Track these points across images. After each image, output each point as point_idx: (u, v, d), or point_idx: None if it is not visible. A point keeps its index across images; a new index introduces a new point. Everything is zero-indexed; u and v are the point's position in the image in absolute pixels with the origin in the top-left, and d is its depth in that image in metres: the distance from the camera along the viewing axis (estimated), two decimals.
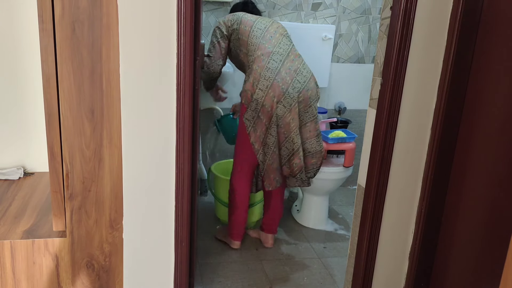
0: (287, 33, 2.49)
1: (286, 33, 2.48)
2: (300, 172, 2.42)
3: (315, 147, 2.44)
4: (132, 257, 1.59)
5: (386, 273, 1.93)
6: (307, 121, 2.40)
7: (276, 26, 2.47)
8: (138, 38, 1.40)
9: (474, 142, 1.66)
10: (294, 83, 2.32)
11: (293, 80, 2.32)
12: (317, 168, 2.50)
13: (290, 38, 2.48)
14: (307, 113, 2.38)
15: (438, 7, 1.63)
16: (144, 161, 1.52)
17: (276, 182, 2.43)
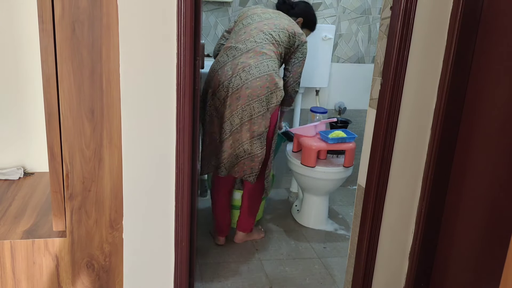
0: (274, 30, 2.41)
1: (271, 30, 2.40)
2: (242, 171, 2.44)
3: (250, 149, 2.39)
4: (132, 257, 1.59)
5: (386, 273, 1.93)
6: (244, 120, 2.34)
7: (265, 23, 2.43)
8: (138, 38, 1.40)
9: (474, 142, 1.66)
10: (233, 78, 2.30)
11: (235, 75, 2.31)
12: (255, 173, 2.44)
13: (274, 35, 2.40)
14: (245, 111, 2.33)
15: (438, 7, 1.63)
16: (144, 161, 1.52)
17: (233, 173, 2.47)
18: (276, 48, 2.42)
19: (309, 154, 2.72)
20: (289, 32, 2.45)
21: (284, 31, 2.44)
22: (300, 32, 2.50)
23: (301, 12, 2.67)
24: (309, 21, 2.70)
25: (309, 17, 2.69)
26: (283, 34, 2.44)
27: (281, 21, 2.47)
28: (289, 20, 2.53)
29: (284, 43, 2.44)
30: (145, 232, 1.59)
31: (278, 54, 2.43)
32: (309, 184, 2.83)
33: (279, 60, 2.44)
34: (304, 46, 2.53)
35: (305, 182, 2.84)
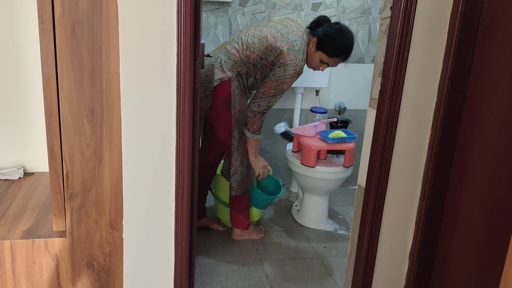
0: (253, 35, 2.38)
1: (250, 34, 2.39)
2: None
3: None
4: (132, 257, 1.59)
5: (386, 273, 1.93)
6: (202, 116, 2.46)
7: (256, 28, 2.44)
8: (138, 38, 1.40)
9: (474, 142, 1.66)
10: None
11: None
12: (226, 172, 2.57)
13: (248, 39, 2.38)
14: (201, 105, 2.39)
15: (438, 7, 1.63)
16: (144, 161, 1.52)
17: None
18: (242, 48, 2.37)
19: (309, 154, 2.72)
20: (269, 43, 2.33)
21: (263, 39, 2.35)
22: (281, 50, 2.31)
23: (319, 32, 2.40)
24: (323, 42, 2.38)
25: (324, 37, 2.38)
26: (258, 41, 2.35)
27: (270, 31, 2.37)
28: (290, 35, 2.35)
29: (255, 49, 2.35)
30: (145, 232, 1.59)
31: (243, 54, 2.37)
32: (309, 184, 2.83)
33: (240, 60, 2.37)
34: (280, 68, 2.31)
35: (305, 182, 2.84)
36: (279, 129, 3.01)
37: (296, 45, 2.35)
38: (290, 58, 2.32)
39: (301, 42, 2.37)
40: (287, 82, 2.35)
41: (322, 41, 2.38)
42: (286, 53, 2.31)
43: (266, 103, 2.38)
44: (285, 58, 2.31)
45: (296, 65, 2.34)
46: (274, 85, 2.34)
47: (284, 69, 2.32)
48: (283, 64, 2.31)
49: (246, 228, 2.68)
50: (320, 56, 2.42)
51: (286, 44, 2.33)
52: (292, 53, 2.32)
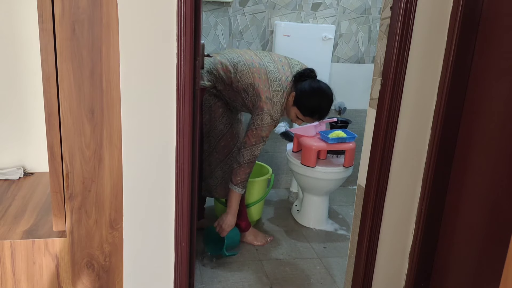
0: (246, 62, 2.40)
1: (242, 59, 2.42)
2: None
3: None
4: (132, 257, 1.59)
5: (386, 273, 1.93)
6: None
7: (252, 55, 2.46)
8: (138, 38, 1.40)
9: (474, 142, 1.66)
10: None
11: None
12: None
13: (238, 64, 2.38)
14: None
15: (438, 7, 1.63)
16: (144, 161, 1.52)
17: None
18: (227, 68, 2.37)
19: (309, 154, 2.72)
20: (253, 83, 2.33)
21: (251, 74, 2.34)
22: (261, 98, 2.31)
23: (300, 87, 2.37)
24: (299, 99, 2.36)
25: (301, 95, 2.36)
26: (247, 73, 2.34)
27: (261, 68, 2.35)
28: (274, 84, 2.34)
29: (242, 79, 2.35)
30: (145, 232, 1.59)
31: (226, 75, 2.37)
32: (309, 184, 2.83)
33: (221, 79, 2.38)
34: (258, 117, 2.32)
35: (305, 182, 2.84)
36: (279, 129, 3.01)
37: (276, 96, 2.33)
38: (267, 107, 2.32)
39: (282, 94, 2.35)
40: (265, 130, 2.35)
41: (298, 98, 2.37)
42: (263, 101, 2.32)
43: (250, 152, 2.37)
44: (262, 107, 2.32)
45: (272, 115, 2.34)
46: (254, 133, 2.35)
47: (261, 118, 2.33)
48: (261, 113, 2.32)
49: (245, 230, 2.65)
50: (295, 111, 2.41)
51: (267, 92, 2.33)
52: (269, 102, 2.32)
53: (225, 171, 2.56)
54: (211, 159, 2.54)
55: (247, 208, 2.75)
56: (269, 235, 2.75)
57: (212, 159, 2.54)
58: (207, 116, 2.46)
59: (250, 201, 2.76)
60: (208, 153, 2.53)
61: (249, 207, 2.77)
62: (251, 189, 2.75)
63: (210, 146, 2.52)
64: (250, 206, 2.77)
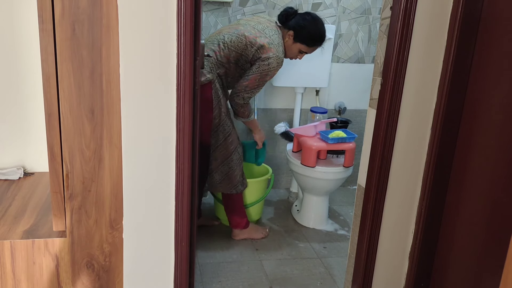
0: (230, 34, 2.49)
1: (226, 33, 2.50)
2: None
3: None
4: (132, 257, 1.59)
5: (386, 273, 1.93)
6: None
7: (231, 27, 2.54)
8: (138, 38, 1.40)
9: (474, 142, 1.66)
10: None
11: None
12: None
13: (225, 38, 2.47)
14: None
15: (438, 7, 1.63)
16: (144, 161, 1.52)
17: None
18: (219, 49, 2.44)
19: (309, 154, 2.72)
20: (248, 40, 2.41)
21: (241, 37, 2.42)
22: (261, 45, 2.38)
23: (293, 24, 2.49)
24: (300, 34, 2.48)
25: (300, 29, 2.48)
26: (236, 39, 2.42)
27: (246, 28, 2.44)
28: (266, 30, 2.44)
29: (234, 47, 2.42)
30: (145, 232, 1.59)
31: (220, 54, 2.44)
32: (309, 184, 2.83)
33: (218, 61, 2.44)
34: (264, 62, 2.39)
35: (305, 182, 2.84)
36: (279, 129, 3.01)
37: (275, 39, 2.44)
38: (272, 51, 2.40)
39: (278, 36, 2.46)
40: (270, 74, 2.44)
41: (299, 33, 2.49)
42: (267, 47, 2.40)
43: (249, 94, 2.49)
44: (268, 52, 2.39)
45: (278, 57, 2.42)
46: (258, 78, 2.43)
47: (268, 63, 2.40)
48: (267, 58, 2.39)
49: (245, 227, 2.68)
50: (299, 47, 2.52)
51: (265, 38, 2.41)
52: (273, 47, 2.41)
53: (231, 166, 2.56)
54: (217, 154, 2.53)
55: (247, 208, 2.75)
56: (265, 227, 2.81)
57: (218, 154, 2.53)
58: (216, 110, 2.45)
59: (250, 201, 2.76)
60: (214, 148, 2.52)
61: (249, 207, 2.77)
62: (250, 189, 2.75)
63: (218, 141, 2.51)
64: (250, 206, 2.77)
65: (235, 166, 2.56)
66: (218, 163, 2.55)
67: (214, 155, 2.54)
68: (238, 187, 2.59)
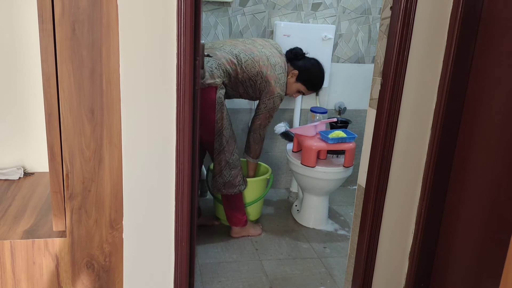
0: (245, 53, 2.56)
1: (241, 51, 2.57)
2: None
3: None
4: (132, 257, 1.59)
5: (386, 273, 1.93)
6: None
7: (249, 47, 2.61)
8: (138, 38, 1.41)
9: (474, 142, 1.66)
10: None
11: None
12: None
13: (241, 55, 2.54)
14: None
15: (438, 7, 1.63)
16: (144, 161, 1.52)
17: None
18: (233, 63, 2.50)
19: (309, 154, 2.72)
20: (260, 70, 2.52)
21: (256, 64, 2.51)
22: (269, 82, 2.53)
23: (300, 65, 2.66)
24: (304, 76, 2.66)
25: (305, 71, 2.66)
26: (251, 63, 2.51)
27: (261, 57, 2.54)
28: (277, 67, 2.56)
29: (248, 70, 2.51)
30: (145, 232, 1.59)
31: (232, 67, 2.49)
32: (309, 184, 2.83)
33: (228, 71, 2.49)
34: (270, 100, 2.57)
35: (305, 182, 2.84)
36: (279, 129, 3.01)
37: (281, 78, 2.59)
38: (277, 91, 2.58)
39: (284, 75, 2.62)
40: (275, 109, 2.65)
41: (303, 74, 2.67)
42: (273, 86, 2.56)
43: (264, 130, 2.69)
44: (273, 91, 2.57)
45: (281, 96, 2.61)
46: (267, 115, 2.63)
47: (273, 101, 2.59)
48: (272, 97, 2.57)
49: (244, 225, 2.71)
50: (299, 87, 2.70)
51: (274, 76, 2.56)
52: (278, 86, 2.57)
53: (232, 168, 2.58)
54: (221, 157, 2.56)
55: (246, 207, 2.75)
56: (258, 224, 2.85)
57: (222, 158, 2.56)
58: (219, 114, 2.47)
59: (249, 200, 2.76)
60: (218, 152, 2.55)
61: (248, 206, 2.77)
62: (250, 189, 2.75)
63: (221, 145, 2.54)
64: (249, 205, 2.77)
65: (235, 167, 2.58)
66: (222, 167, 2.57)
67: (218, 159, 2.56)
68: (240, 187, 2.62)
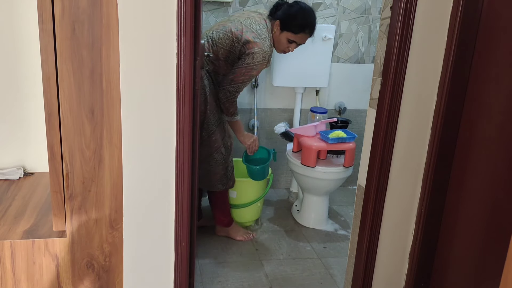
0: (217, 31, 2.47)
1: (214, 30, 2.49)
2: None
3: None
4: (132, 257, 1.59)
5: (386, 273, 1.93)
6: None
7: (220, 24, 2.53)
8: (138, 38, 1.40)
9: (474, 142, 1.66)
10: None
11: None
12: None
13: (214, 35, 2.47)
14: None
15: (438, 7, 1.63)
16: (144, 161, 1.52)
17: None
18: (209, 46, 2.44)
19: (309, 154, 2.72)
20: (234, 37, 2.40)
21: (228, 33, 2.41)
22: (247, 40, 2.37)
23: (280, 13, 2.48)
24: (286, 22, 2.45)
25: (286, 17, 2.45)
26: (224, 36, 2.42)
27: (234, 24, 2.43)
28: (253, 25, 2.42)
29: (222, 44, 2.42)
30: (145, 232, 1.59)
31: (210, 51, 2.43)
32: (309, 184, 2.83)
33: (207, 58, 2.43)
34: (249, 56, 2.38)
35: (305, 182, 2.84)
36: (279, 129, 3.01)
37: (262, 33, 2.42)
38: (258, 46, 2.38)
39: (266, 30, 2.44)
40: (256, 68, 2.41)
41: (284, 21, 2.46)
42: (252, 42, 2.38)
43: (235, 89, 2.45)
44: (253, 46, 2.38)
45: (264, 51, 2.40)
46: (243, 71, 2.40)
47: (252, 56, 2.38)
48: (251, 52, 2.38)
49: (227, 225, 2.69)
50: (287, 35, 2.48)
51: (251, 33, 2.40)
52: (259, 41, 2.39)
53: (211, 165, 2.53)
54: (200, 150, 2.47)
55: (245, 207, 2.75)
56: (252, 232, 2.77)
57: (201, 151, 2.47)
58: (202, 107, 2.43)
59: (248, 200, 2.76)
60: (200, 143, 2.46)
61: (248, 206, 2.77)
62: (249, 188, 2.75)
63: (201, 138, 2.48)
64: (248, 205, 2.77)
65: (216, 165, 2.53)
66: (200, 159, 2.49)
67: (200, 150, 2.50)
68: (217, 186, 2.57)
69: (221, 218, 2.68)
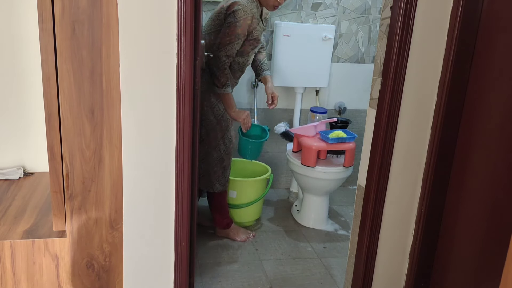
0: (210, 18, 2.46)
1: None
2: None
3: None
4: (132, 257, 1.59)
5: (386, 273, 1.93)
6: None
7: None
8: (138, 38, 1.40)
9: (474, 142, 1.66)
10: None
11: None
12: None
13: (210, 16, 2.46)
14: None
15: (438, 7, 1.63)
16: (144, 161, 1.52)
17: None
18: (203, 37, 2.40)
19: (309, 154, 2.72)
20: (219, 8, 2.38)
21: (214, 14, 2.41)
22: (229, 5, 2.32)
23: None
24: None
25: None
26: (208, 21, 2.43)
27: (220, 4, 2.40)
28: None
29: (209, 28, 2.41)
30: (145, 232, 1.59)
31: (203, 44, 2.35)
32: (309, 184, 2.83)
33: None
34: (231, 15, 2.30)
35: (305, 182, 2.84)
36: (279, 129, 3.01)
37: None
38: (238, 4, 2.31)
39: None
40: (239, 26, 2.32)
41: None
42: (233, 2, 2.32)
43: (224, 53, 2.36)
44: (234, 6, 2.31)
45: (245, 7, 2.32)
46: (227, 31, 2.33)
47: (234, 15, 2.31)
48: (233, 11, 2.31)
49: (225, 227, 2.68)
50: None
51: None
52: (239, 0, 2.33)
53: (209, 163, 2.53)
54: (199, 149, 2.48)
55: (245, 207, 2.75)
56: (251, 232, 2.77)
57: (200, 149, 2.45)
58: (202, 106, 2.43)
59: (248, 200, 2.76)
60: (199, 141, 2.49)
61: (248, 206, 2.77)
62: (249, 188, 2.75)
63: (201, 135, 2.47)
64: (248, 205, 2.77)
65: (214, 163, 2.53)
66: (199, 158, 2.48)
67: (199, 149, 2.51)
68: (215, 186, 2.56)
69: (220, 220, 2.67)
